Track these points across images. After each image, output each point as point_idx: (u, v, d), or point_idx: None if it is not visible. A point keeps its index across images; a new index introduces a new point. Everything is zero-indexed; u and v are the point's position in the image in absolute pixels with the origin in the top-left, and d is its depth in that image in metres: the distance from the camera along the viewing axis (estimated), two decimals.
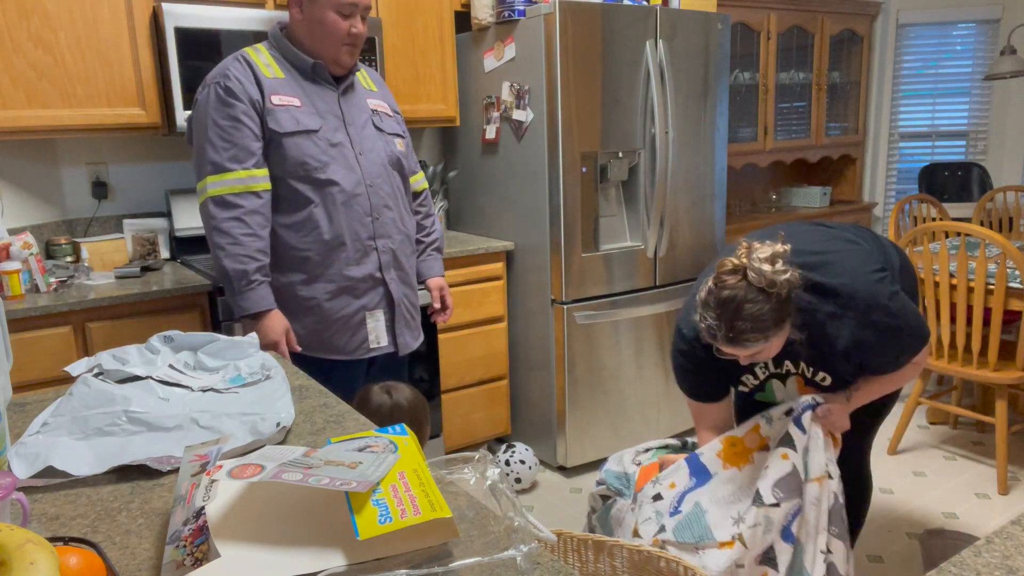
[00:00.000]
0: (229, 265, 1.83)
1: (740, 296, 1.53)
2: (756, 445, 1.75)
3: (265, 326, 1.87)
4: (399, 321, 2.06)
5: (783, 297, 1.55)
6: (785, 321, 1.59)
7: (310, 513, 0.78)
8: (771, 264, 1.55)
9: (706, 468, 1.79)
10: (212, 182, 1.83)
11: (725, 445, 1.78)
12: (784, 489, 1.62)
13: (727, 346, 1.58)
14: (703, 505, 1.72)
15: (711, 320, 1.57)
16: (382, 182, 2.00)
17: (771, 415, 1.77)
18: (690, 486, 1.77)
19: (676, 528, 1.69)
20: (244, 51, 1.92)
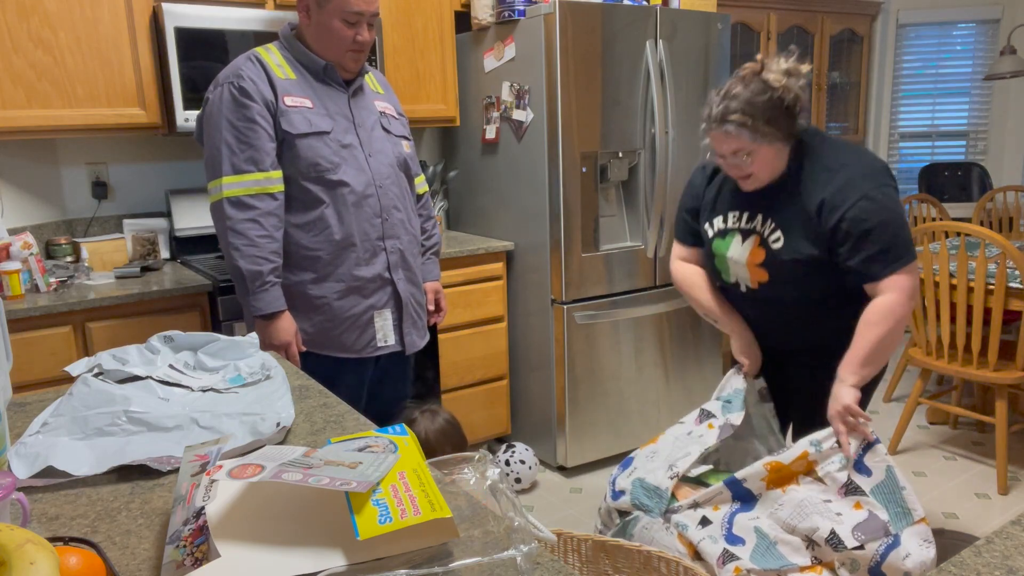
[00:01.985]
0: (244, 266, 1.85)
1: (745, 84, 1.66)
2: (803, 469, 1.69)
3: (278, 327, 1.89)
4: (406, 320, 2.08)
5: (784, 103, 1.65)
6: (776, 133, 1.66)
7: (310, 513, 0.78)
8: (787, 70, 1.65)
9: (751, 493, 1.74)
10: (229, 183, 1.84)
11: (770, 472, 1.71)
12: (866, 531, 1.58)
13: (715, 128, 1.68)
14: (765, 531, 1.66)
15: (711, 104, 1.69)
16: (391, 183, 2.02)
17: (819, 440, 1.70)
18: (735, 508, 1.73)
19: (753, 556, 1.64)
20: (256, 51, 1.93)
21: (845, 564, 1.59)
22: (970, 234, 2.65)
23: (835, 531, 1.58)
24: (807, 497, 1.65)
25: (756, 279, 1.81)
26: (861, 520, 1.59)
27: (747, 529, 1.68)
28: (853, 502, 1.63)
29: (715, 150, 1.75)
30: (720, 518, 1.73)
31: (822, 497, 1.65)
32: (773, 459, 1.72)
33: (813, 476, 1.69)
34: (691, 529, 1.74)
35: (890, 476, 1.63)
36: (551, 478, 3.01)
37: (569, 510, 2.76)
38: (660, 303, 3.09)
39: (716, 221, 1.88)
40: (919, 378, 3.06)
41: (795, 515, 1.64)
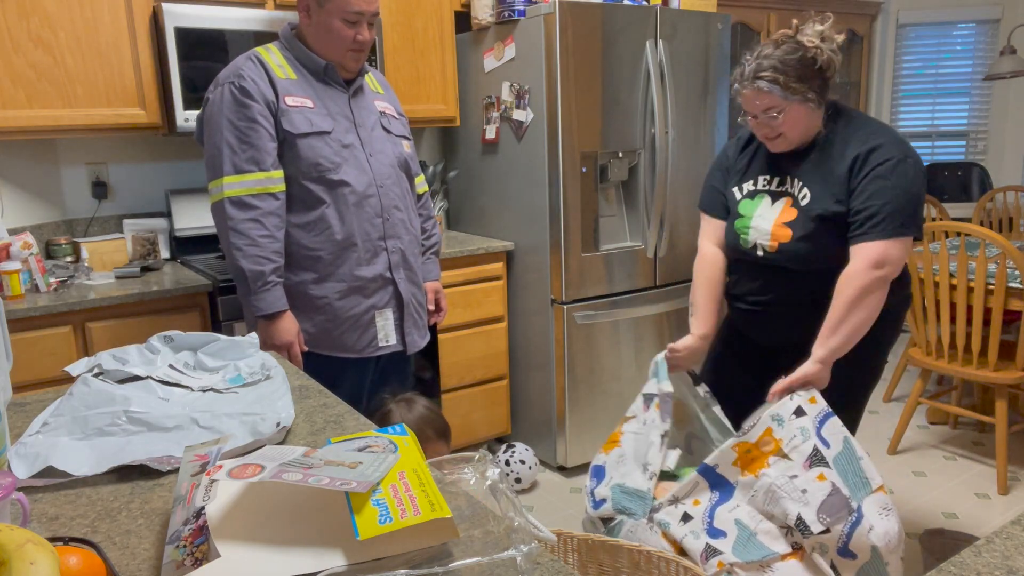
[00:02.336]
0: (246, 266, 1.84)
1: (776, 45, 1.73)
2: (771, 449, 1.70)
3: (280, 328, 1.89)
4: (408, 320, 2.08)
5: (816, 63, 1.71)
6: (807, 91, 1.71)
7: (310, 513, 0.78)
8: (821, 32, 1.72)
9: (725, 479, 1.75)
10: (230, 183, 1.84)
11: (740, 452, 1.74)
12: (829, 512, 1.59)
13: (747, 85, 1.73)
14: (745, 523, 1.67)
15: (744, 63, 1.75)
16: (391, 183, 2.02)
17: (781, 416, 1.71)
18: (715, 499, 1.74)
19: (735, 549, 1.65)
20: (256, 51, 1.93)
21: (816, 548, 1.60)
22: (970, 234, 2.65)
23: (801, 516, 1.59)
24: (775, 481, 1.66)
25: (777, 239, 1.83)
26: (825, 497, 1.60)
27: (727, 521, 1.69)
28: (817, 474, 1.63)
29: (746, 109, 1.79)
30: (701, 512, 1.73)
31: (789, 474, 1.66)
32: (740, 439, 1.74)
33: (780, 454, 1.70)
34: (673, 526, 1.74)
35: (847, 446, 1.65)
36: (551, 478, 3.01)
37: (569, 510, 2.76)
38: (660, 303, 3.09)
39: (746, 185, 1.93)
40: (919, 378, 3.06)
41: (768, 501, 1.65)
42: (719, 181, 2.02)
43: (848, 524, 1.58)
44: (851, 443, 1.67)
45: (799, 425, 1.68)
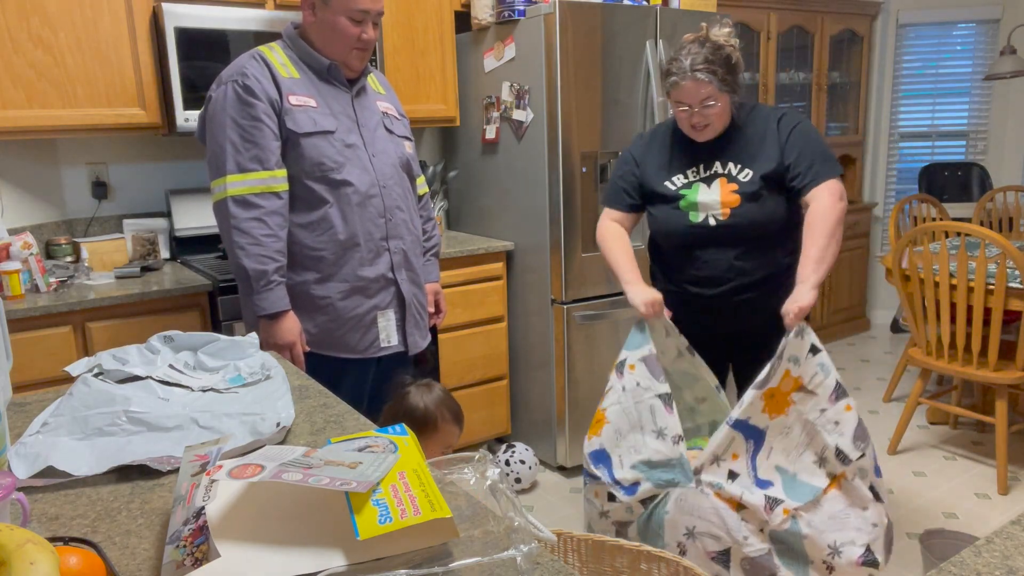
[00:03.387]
0: (249, 265, 1.83)
1: (700, 44, 1.90)
2: (791, 387, 1.80)
3: (282, 327, 1.88)
4: (409, 321, 2.08)
5: (732, 61, 1.91)
6: (732, 85, 1.92)
7: (310, 513, 0.78)
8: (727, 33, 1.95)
9: (757, 428, 1.82)
10: (233, 181, 1.83)
11: (765, 399, 1.81)
12: (862, 438, 1.75)
13: (687, 77, 1.88)
14: (784, 467, 1.78)
15: (679, 59, 1.90)
16: (394, 184, 2.02)
17: (796, 357, 1.80)
18: (752, 449, 1.81)
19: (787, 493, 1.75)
20: (259, 50, 1.92)
21: (857, 474, 1.75)
22: (970, 234, 2.65)
23: (839, 447, 1.75)
24: (808, 415, 1.78)
25: (727, 206, 1.97)
26: (855, 425, 1.76)
27: (769, 470, 1.78)
28: (844, 405, 1.78)
29: (683, 101, 1.93)
30: (744, 467, 1.80)
31: (819, 408, 1.79)
32: (763, 389, 1.81)
33: (804, 391, 1.80)
34: (725, 485, 1.80)
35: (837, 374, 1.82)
36: (551, 478, 3.01)
37: (569, 510, 2.76)
38: None
39: (676, 179, 2.05)
40: (919, 378, 3.06)
41: (803, 438, 1.77)
42: (628, 181, 2.13)
43: (872, 447, 1.76)
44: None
45: (818, 362, 1.80)
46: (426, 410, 1.83)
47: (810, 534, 1.74)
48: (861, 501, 1.76)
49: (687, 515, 1.85)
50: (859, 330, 4.93)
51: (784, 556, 1.77)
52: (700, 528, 1.82)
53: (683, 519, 1.85)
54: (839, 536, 1.73)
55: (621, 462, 1.94)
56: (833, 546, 1.73)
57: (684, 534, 1.85)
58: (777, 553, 1.77)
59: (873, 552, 1.74)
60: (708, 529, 1.81)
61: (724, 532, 1.80)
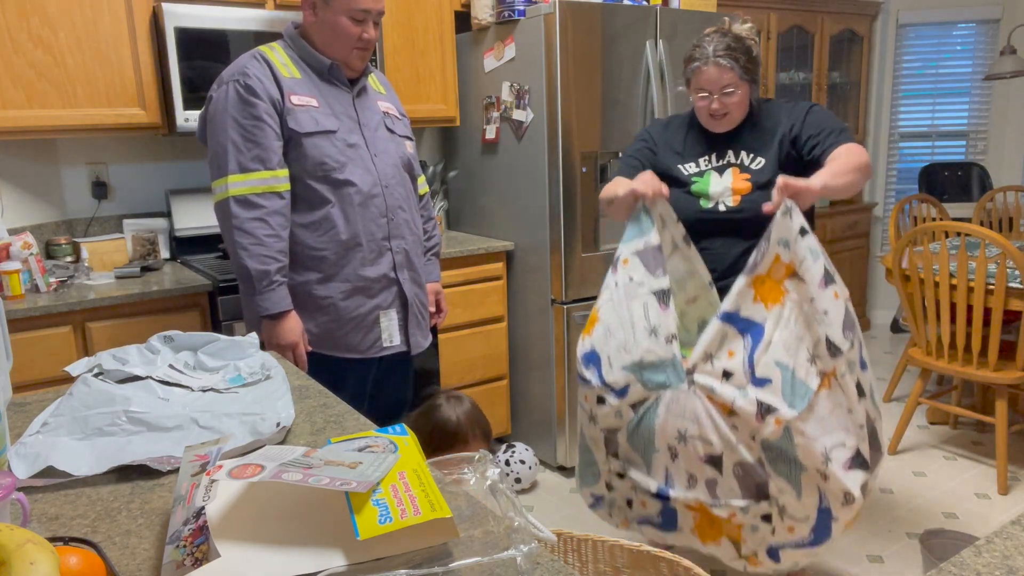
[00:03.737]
0: (251, 265, 1.83)
1: (721, 35, 1.93)
2: (784, 274, 1.69)
3: (284, 327, 1.88)
4: (412, 321, 2.08)
5: (752, 52, 1.94)
6: (752, 75, 1.94)
7: (310, 513, 0.78)
8: (749, 28, 1.98)
9: (752, 320, 1.70)
10: (235, 181, 1.82)
11: (755, 287, 1.71)
12: (850, 327, 1.68)
13: (709, 62, 1.90)
14: (784, 362, 1.66)
15: (702, 46, 1.93)
16: (396, 184, 2.02)
17: (785, 239, 1.68)
18: (750, 346, 1.69)
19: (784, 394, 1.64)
20: (260, 49, 1.92)
21: (846, 369, 1.67)
22: (970, 234, 2.65)
23: (829, 338, 1.65)
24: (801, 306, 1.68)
25: (738, 192, 1.97)
26: (843, 316, 1.66)
27: (768, 366, 1.67)
28: (832, 292, 1.67)
29: (704, 88, 1.94)
30: (740, 365, 1.69)
31: (808, 296, 1.67)
32: (752, 275, 1.70)
33: (796, 277, 1.68)
34: (718, 388, 1.71)
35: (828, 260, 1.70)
36: (551, 478, 3.01)
37: (569, 510, 2.76)
38: None
39: (688, 166, 2.06)
40: (919, 378, 3.06)
41: (802, 330, 1.66)
42: (643, 155, 2.12)
43: (859, 338, 1.70)
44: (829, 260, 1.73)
45: (807, 245, 1.67)
46: (458, 424, 1.81)
47: (802, 443, 1.65)
48: (848, 400, 1.68)
49: (678, 418, 1.76)
50: None
51: (776, 464, 1.69)
52: (692, 431, 1.74)
53: (674, 422, 1.77)
54: (828, 440, 1.65)
55: (611, 363, 1.83)
56: (825, 452, 1.64)
57: (676, 438, 1.77)
58: (768, 462, 1.69)
59: (862, 453, 1.69)
60: (700, 432, 1.73)
61: (716, 436, 1.72)
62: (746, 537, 1.81)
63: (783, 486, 1.70)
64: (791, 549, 1.77)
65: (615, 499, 2.00)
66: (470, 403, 1.88)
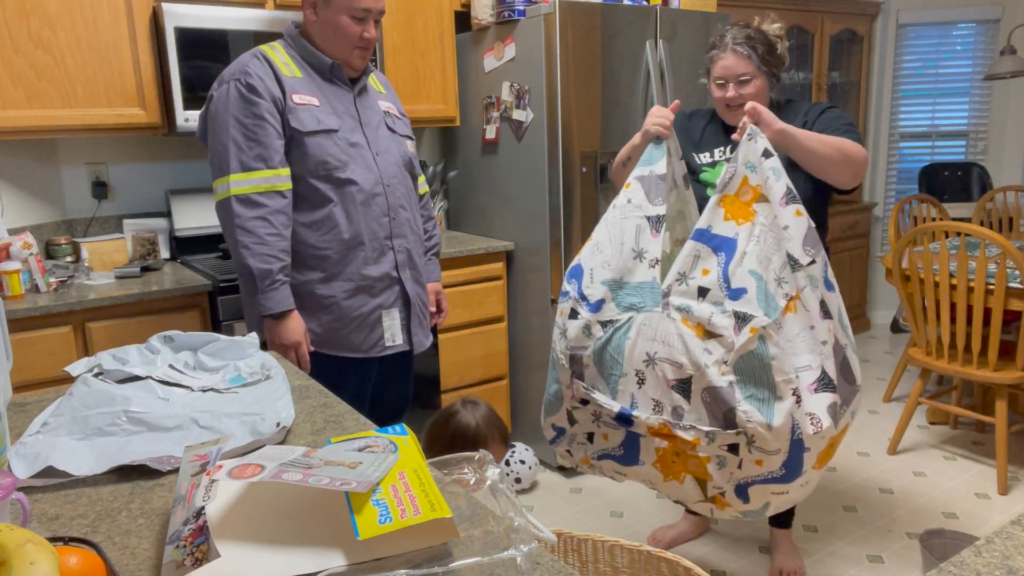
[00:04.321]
0: (254, 264, 1.82)
1: (746, 27, 1.97)
2: (752, 197, 1.71)
3: (287, 327, 1.87)
4: (414, 320, 2.09)
5: (775, 47, 1.97)
6: (770, 68, 1.96)
7: (310, 513, 0.78)
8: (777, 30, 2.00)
9: (724, 236, 1.71)
10: (236, 180, 1.82)
11: (725, 207, 1.72)
12: (811, 244, 1.66)
13: (727, 49, 1.93)
14: (758, 271, 1.66)
15: (723, 35, 1.96)
16: (397, 183, 2.02)
17: (751, 162, 1.71)
18: (723, 261, 1.69)
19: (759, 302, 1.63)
20: (261, 49, 1.91)
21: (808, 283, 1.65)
22: (970, 234, 2.65)
23: (789, 252, 1.65)
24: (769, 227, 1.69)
25: None
26: (806, 231, 1.66)
27: (743, 276, 1.66)
28: (794, 210, 1.66)
29: (720, 75, 1.96)
30: (715, 281, 1.68)
31: (772, 214, 1.68)
32: (721, 195, 1.72)
33: (764, 200, 1.70)
34: (694, 308, 1.68)
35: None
36: (551, 478, 3.01)
37: (569, 510, 2.76)
38: None
39: (703, 156, 2.09)
40: (919, 378, 3.06)
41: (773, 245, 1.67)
42: None
43: (823, 257, 1.68)
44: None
45: (770, 166, 1.69)
46: (477, 428, 1.82)
47: (777, 355, 1.61)
48: (809, 318, 1.64)
49: (649, 341, 1.72)
50: (859, 330, 4.93)
51: (747, 386, 1.63)
52: (661, 354, 1.70)
53: (644, 344, 1.73)
54: (796, 360, 1.61)
55: (592, 277, 1.81)
56: (795, 370, 1.61)
57: (644, 360, 1.73)
58: (739, 385, 1.64)
59: (827, 373, 1.62)
60: (670, 355, 1.69)
61: (687, 359, 1.67)
62: (712, 472, 1.71)
63: (752, 413, 1.62)
64: (760, 485, 1.68)
65: (576, 433, 1.93)
66: (486, 407, 1.88)
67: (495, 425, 1.85)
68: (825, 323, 1.66)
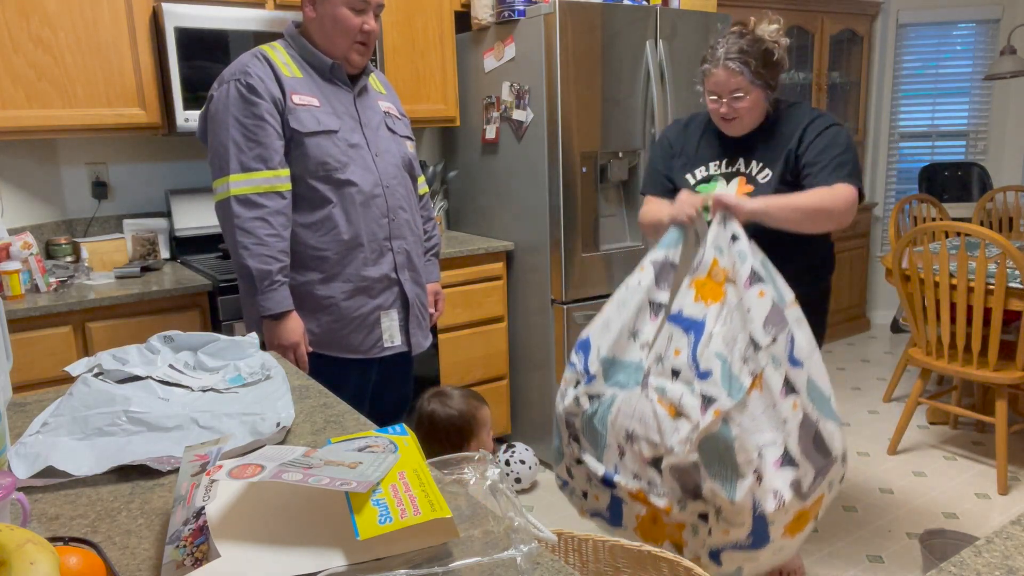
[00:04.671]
0: (253, 265, 1.82)
1: (740, 36, 1.92)
2: (723, 278, 1.78)
3: (286, 328, 1.87)
4: (413, 321, 2.08)
5: (772, 55, 1.91)
6: (766, 80, 1.91)
7: (310, 513, 0.78)
8: (775, 30, 1.94)
9: (694, 318, 1.77)
10: (236, 180, 1.82)
11: (696, 288, 1.79)
12: (773, 323, 1.70)
13: (719, 64, 1.90)
14: (724, 354, 1.70)
15: (715, 47, 1.93)
16: (397, 184, 2.02)
17: (720, 246, 1.78)
18: (693, 342, 1.75)
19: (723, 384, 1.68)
20: (261, 49, 1.91)
21: (770, 362, 1.69)
22: (970, 234, 2.65)
23: (751, 334, 1.69)
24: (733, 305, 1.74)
25: None
26: (768, 311, 1.70)
27: (710, 358, 1.71)
28: (757, 291, 1.72)
29: (713, 91, 1.95)
30: (686, 361, 1.74)
31: (739, 296, 1.74)
32: (693, 277, 1.79)
33: (731, 281, 1.77)
34: (668, 388, 1.74)
35: (765, 263, 1.77)
36: (551, 478, 3.01)
37: (569, 510, 2.75)
38: None
39: (698, 171, 2.06)
40: (919, 378, 3.06)
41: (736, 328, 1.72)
42: (664, 163, 2.14)
43: (787, 335, 1.70)
44: (767, 262, 1.78)
45: (737, 250, 1.77)
46: (460, 412, 1.86)
47: (740, 435, 1.65)
48: (771, 396, 1.67)
49: (628, 418, 1.79)
50: (859, 330, 4.93)
51: (712, 465, 1.68)
52: (639, 432, 1.77)
53: (624, 421, 1.80)
54: (760, 438, 1.65)
55: (597, 353, 1.88)
56: (758, 448, 1.65)
57: (624, 437, 1.80)
58: (705, 464, 1.68)
59: (789, 451, 1.65)
60: (646, 434, 1.76)
61: (659, 438, 1.73)
62: (687, 539, 1.79)
63: (716, 489, 1.68)
64: (731, 551, 1.74)
65: (574, 488, 1.99)
66: (450, 388, 1.93)
67: (466, 397, 1.89)
68: (788, 400, 1.68)
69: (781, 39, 1.94)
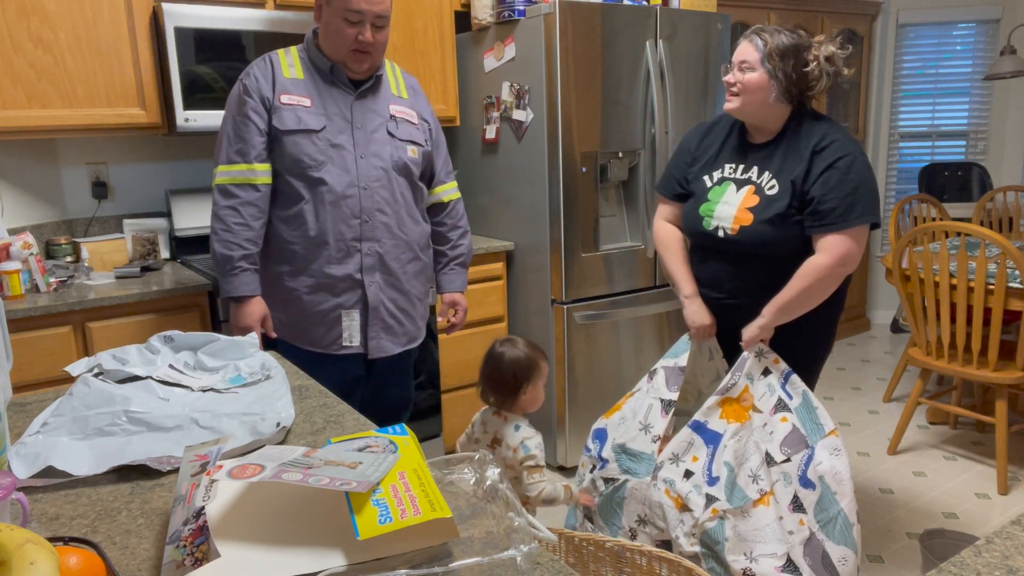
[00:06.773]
0: (218, 249, 1.95)
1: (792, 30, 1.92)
2: (749, 404, 1.96)
3: (243, 311, 1.99)
4: (375, 324, 2.07)
5: (801, 57, 1.87)
6: (780, 71, 1.87)
7: (310, 513, 0.78)
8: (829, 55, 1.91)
9: (716, 432, 1.94)
10: (221, 171, 1.96)
11: (723, 406, 1.96)
12: (790, 445, 1.88)
13: (745, 38, 1.93)
14: (731, 463, 1.89)
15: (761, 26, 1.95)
16: (379, 186, 2.01)
17: (752, 375, 1.96)
18: (710, 453, 1.92)
19: (726, 490, 1.86)
20: (275, 51, 2.03)
21: (780, 480, 1.86)
22: (970, 234, 2.65)
23: (768, 450, 1.89)
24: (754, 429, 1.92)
25: (739, 222, 1.96)
26: (787, 434, 1.88)
27: (720, 466, 1.90)
28: (781, 417, 1.91)
29: (733, 60, 1.97)
30: (701, 468, 1.91)
31: (761, 423, 1.93)
32: (723, 396, 1.96)
33: (755, 409, 1.96)
34: (677, 483, 1.91)
35: (806, 399, 1.92)
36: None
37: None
38: (660, 303, 3.09)
39: (715, 173, 2.07)
40: (919, 378, 3.06)
41: (752, 447, 1.89)
42: (680, 169, 2.16)
43: (805, 457, 1.85)
44: (808, 396, 1.93)
45: (767, 383, 1.96)
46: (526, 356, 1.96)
47: (731, 537, 1.82)
48: (779, 509, 1.83)
49: (639, 503, 1.97)
50: (859, 330, 4.93)
51: (708, 559, 1.85)
52: (649, 516, 1.95)
53: (635, 507, 1.98)
54: (760, 548, 1.80)
55: (612, 442, 2.08)
56: (749, 555, 1.80)
57: (636, 520, 1.98)
58: (703, 556, 1.86)
59: (792, 561, 1.79)
60: (654, 520, 1.94)
61: (665, 525, 1.91)
62: None
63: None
64: None
65: None
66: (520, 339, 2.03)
67: (532, 347, 2.00)
68: (795, 516, 1.83)
69: (826, 57, 1.88)
